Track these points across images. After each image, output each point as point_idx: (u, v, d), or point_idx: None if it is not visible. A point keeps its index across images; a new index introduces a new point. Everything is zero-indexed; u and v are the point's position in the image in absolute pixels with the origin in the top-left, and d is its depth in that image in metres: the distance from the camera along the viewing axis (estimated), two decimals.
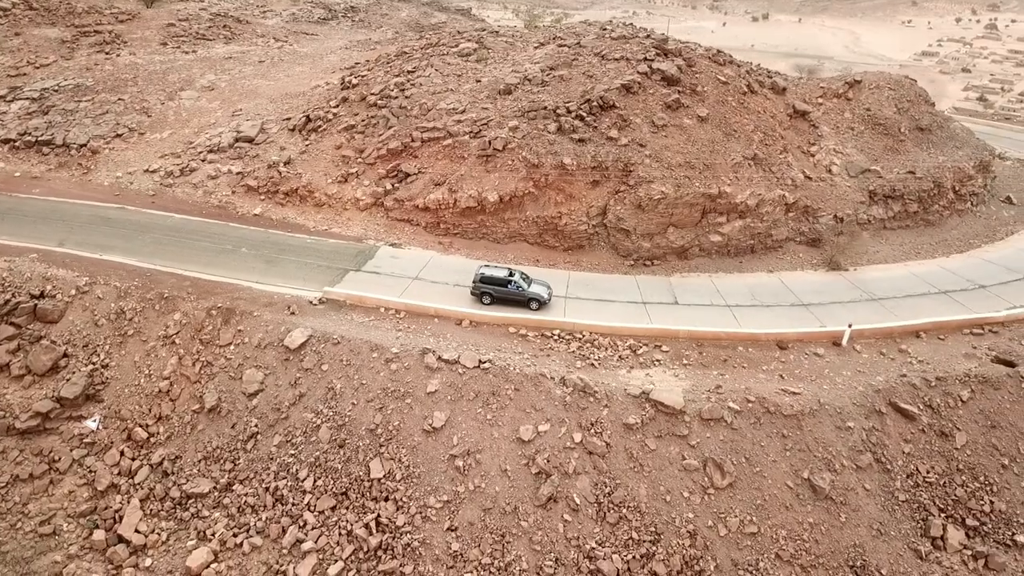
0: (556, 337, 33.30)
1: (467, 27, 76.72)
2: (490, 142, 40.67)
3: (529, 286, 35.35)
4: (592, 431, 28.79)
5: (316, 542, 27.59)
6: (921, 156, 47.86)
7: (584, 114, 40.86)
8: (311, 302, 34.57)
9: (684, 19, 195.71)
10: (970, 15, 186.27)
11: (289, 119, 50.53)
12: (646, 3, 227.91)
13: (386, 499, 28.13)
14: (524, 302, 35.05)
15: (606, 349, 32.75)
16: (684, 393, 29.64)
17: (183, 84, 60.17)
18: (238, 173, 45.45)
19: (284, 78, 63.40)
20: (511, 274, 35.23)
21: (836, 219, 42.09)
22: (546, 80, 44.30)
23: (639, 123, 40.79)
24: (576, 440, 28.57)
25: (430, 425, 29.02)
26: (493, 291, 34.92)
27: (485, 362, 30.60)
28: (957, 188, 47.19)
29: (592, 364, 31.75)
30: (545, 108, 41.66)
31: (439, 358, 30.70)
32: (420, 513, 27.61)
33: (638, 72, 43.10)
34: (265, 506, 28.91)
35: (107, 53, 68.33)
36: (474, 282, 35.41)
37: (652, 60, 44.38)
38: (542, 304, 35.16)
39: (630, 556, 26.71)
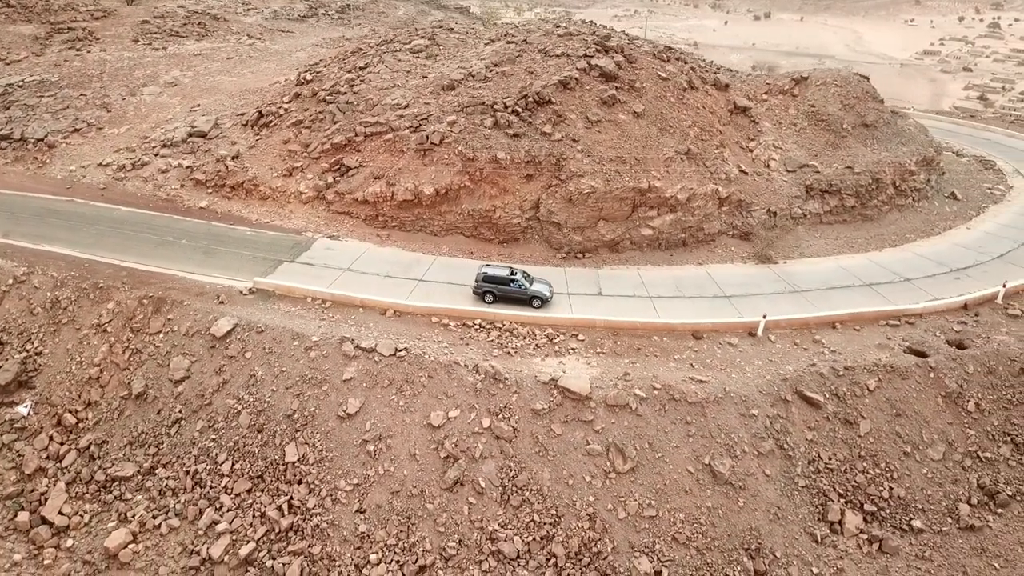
0: (477, 327, 34.11)
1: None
2: (428, 136, 41.44)
3: (531, 284, 35.68)
4: (500, 416, 29.59)
5: (231, 523, 28.47)
6: (862, 152, 48.39)
7: (520, 110, 41.59)
8: (241, 292, 35.39)
9: (686, 17, 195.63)
10: (973, 14, 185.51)
11: (243, 114, 51.38)
12: (648, 2, 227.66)
13: (299, 482, 28.99)
14: (527, 300, 35.25)
15: (524, 338, 33.55)
16: (592, 380, 30.39)
17: (147, 80, 61.10)
18: (188, 167, 46.29)
19: (248, 75, 64.25)
20: (513, 273, 35.44)
21: (769, 213, 42.75)
22: (488, 76, 45.03)
23: (573, 119, 41.52)
24: (484, 425, 29.38)
25: (344, 411, 29.85)
26: (496, 290, 35.18)
27: (401, 350, 31.44)
28: (898, 183, 47.76)
29: (509, 352, 32.56)
30: (483, 103, 42.40)
31: (357, 346, 31.54)
32: (331, 496, 28.47)
33: (577, 68, 43.80)
34: (185, 489, 29.80)
35: (78, 50, 69.30)
36: (476, 281, 35.61)
37: (592, 56, 45.05)
38: (544, 302, 35.38)
39: (531, 538, 27.54)
